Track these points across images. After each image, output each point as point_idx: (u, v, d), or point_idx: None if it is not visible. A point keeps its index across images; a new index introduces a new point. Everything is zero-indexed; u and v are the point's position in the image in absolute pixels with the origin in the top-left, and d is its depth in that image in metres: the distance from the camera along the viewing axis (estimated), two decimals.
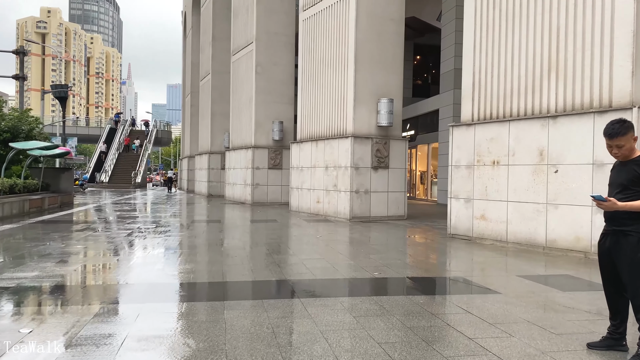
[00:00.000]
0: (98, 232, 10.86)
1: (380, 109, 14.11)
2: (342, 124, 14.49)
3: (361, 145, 14.01)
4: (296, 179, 16.89)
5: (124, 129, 48.41)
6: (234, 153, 22.92)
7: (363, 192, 14.04)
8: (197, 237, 10.33)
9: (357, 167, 13.95)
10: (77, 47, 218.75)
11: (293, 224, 13.39)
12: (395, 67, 14.66)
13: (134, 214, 15.77)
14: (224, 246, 8.83)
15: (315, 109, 15.94)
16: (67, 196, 19.53)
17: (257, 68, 20.62)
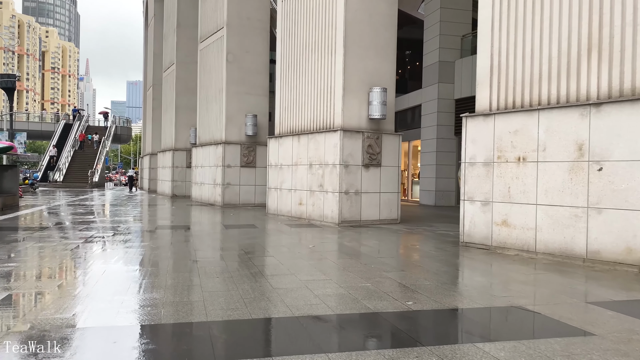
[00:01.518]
0: (41, 244, 8.88)
1: (372, 99, 12.55)
2: (329, 116, 12.86)
3: (351, 140, 12.41)
4: (275, 179, 15.16)
5: (80, 125, 45.35)
6: (202, 150, 20.96)
7: (353, 193, 12.45)
8: (164, 248, 8.50)
9: (346, 165, 12.34)
10: (31, 40, 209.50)
11: (275, 230, 11.68)
12: (387, 52, 13.13)
13: (88, 218, 13.71)
14: (197, 262, 7.07)
15: (296, 100, 14.25)
16: (11, 197, 17.20)
17: (228, 56, 18.75)
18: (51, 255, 7.60)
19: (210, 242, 9.47)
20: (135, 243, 8.99)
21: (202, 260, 7.24)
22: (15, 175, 17.94)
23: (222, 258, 7.55)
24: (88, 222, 12.75)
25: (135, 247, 8.42)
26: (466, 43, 21.47)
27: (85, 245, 8.62)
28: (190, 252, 7.94)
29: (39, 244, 8.81)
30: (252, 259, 7.39)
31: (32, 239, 9.42)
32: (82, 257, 7.50)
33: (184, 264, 6.94)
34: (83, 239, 9.43)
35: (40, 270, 6.41)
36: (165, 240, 9.57)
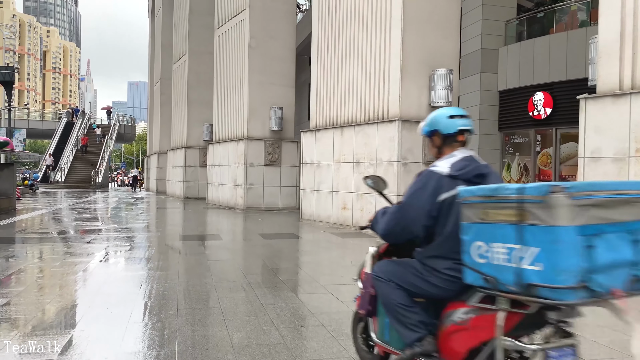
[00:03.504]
0: (40, 264, 6.85)
1: (435, 83, 10.50)
2: (382, 104, 10.81)
3: (410, 132, 10.36)
4: (310, 179, 13.11)
5: (82, 123, 43.31)
6: (220, 147, 18.92)
7: None
8: (199, 269, 6.45)
9: (405, 162, 10.30)
10: (32, 40, 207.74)
11: (325, 241, 9.63)
12: (450, 28, 11.10)
13: (95, 226, 11.68)
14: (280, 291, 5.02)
15: (338, 87, 12.20)
16: (7, 200, 15.17)
17: (251, 41, 16.71)
18: (53, 284, 5.57)
19: (259, 262, 7.41)
20: (162, 263, 6.95)
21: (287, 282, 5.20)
22: (12, 175, 15.92)
23: (298, 290, 5.51)
24: (96, 230, 10.72)
25: (163, 270, 6.38)
26: (511, 29, 19.42)
27: (97, 268, 6.58)
28: (239, 276, 5.90)
29: (37, 263, 6.79)
30: (338, 291, 5.35)
31: (29, 256, 7.40)
32: (95, 287, 5.46)
33: (255, 309, 4.90)
34: (92, 255, 7.39)
35: (38, 319, 4.36)
36: (201, 258, 7.52)
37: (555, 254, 1.87)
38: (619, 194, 2.04)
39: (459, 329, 2.33)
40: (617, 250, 1.96)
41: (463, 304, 2.30)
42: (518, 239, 1.98)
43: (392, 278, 2.59)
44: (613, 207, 1.99)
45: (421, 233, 2.50)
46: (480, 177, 2.47)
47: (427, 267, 2.46)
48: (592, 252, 1.88)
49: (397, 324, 2.54)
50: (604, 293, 1.90)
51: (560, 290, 1.85)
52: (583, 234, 1.87)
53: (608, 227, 1.95)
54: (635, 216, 2.02)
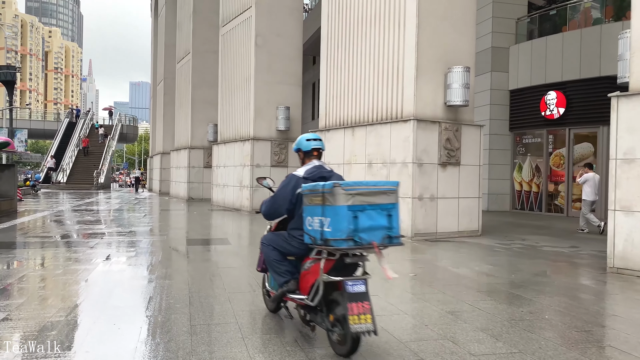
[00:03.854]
0: (41, 272, 6.48)
1: (452, 81, 10.11)
2: (395, 103, 10.42)
3: (426, 132, 9.98)
4: None
5: (85, 123, 42.95)
6: (225, 147, 18.54)
7: (428, 198, 10.02)
8: (210, 278, 6.07)
9: (420, 164, 9.91)
10: (34, 40, 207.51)
11: None
12: (466, 24, 10.72)
13: (99, 229, 11.32)
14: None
15: (349, 85, 11.82)
16: (8, 202, 14.81)
17: (257, 39, 16.33)
18: (55, 294, 5.20)
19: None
20: (170, 271, 6.57)
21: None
22: (13, 176, 15.57)
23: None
24: (99, 234, 10.35)
25: (174, 281, 6.00)
26: (522, 27, 19.04)
27: (102, 276, 6.21)
28: (259, 289, 5.51)
29: (38, 270, 6.42)
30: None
31: (30, 263, 7.03)
32: (100, 300, 5.09)
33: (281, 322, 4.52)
34: (96, 262, 7.01)
35: (39, 338, 3.98)
36: (211, 265, 7.14)
37: (336, 221, 3.14)
38: (376, 188, 3.30)
39: (307, 273, 3.68)
40: (375, 220, 3.23)
41: (309, 258, 3.64)
42: (322, 213, 3.27)
43: (271, 243, 3.92)
44: (373, 195, 3.24)
45: (285, 214, 3.88)
46: (322, 178, 3.69)
47: (290, 235, 3.84)
48: (357, 220, 3.14)
49: (273, 273, 3.89)
50: (365, 244, 3.17)
51: (339, 241, 3.12)
52: (351, 210, 3.15)
53: (369, 206, 3.21)
54: (387, 200, 3.30)
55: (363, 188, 3.27)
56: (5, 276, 5.95)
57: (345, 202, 3.16)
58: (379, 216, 3.27)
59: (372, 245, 3.20)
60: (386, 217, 3.29)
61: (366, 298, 3.30)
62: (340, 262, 3.38)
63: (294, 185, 3.72)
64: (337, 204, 3.16)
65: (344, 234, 3.13)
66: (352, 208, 3.17)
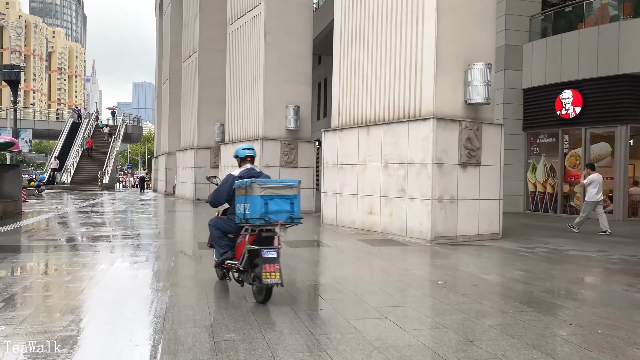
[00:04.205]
0: (47, 278, 6.14)
1: (472, 78, 9.73)
2: (413, 101, 10.05)
3: (445, 131, 9.61)
4: (332, 181, 12.36)
5: (89, 123, 42.67)
6: (233, 147, 18.17)
7: (448, 200, 9.64)
8: (228, 286, 5.71)
9: (440, 164, 9.53)
10: (37, 41, 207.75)
11: (354, 249, 8.87)
12: (487, 19, 10.35)
13: (106, 231, 10.98)
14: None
15: (364, 83, 11.45)
16: (12, 203, 14.49)
17: (267, 37, 15.97)
18: (63, 308, 4.85)
19: (294, 277, 6.64)
20: (186, 279, 6.22)
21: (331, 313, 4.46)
22: (18, 177, 15.24)
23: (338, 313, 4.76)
24: (106, 237, 10.01)
25: (191, 290, 5.64)
26: (535, 24, 18.63)
27: (112, 284, 5.86)
28: (281, 298, 5.15)
29: (44, 278, 6.06)
30: (385, 312, 4.60)
31: (35, 269, 6.68)
32: (112, 313, 4.74)
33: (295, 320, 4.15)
34: (105, 269, 6.67)
35: (52, 355, 3.63)
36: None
37: (253, 206, 4.46)
38: (282, 184, 4.64)
39: (239, 245, 4.95)
40: (281, 206, 4.54)
41: (241, 234, 4.95)
42: (244, 201, 4.60)
43: (215, 224, 5.28)
44: (279, 189, 4.56)
45: (224, 202, 5.18)
46: (252, 177, 4.86)
47: (228, 218, 5.15)
48: (267, 205, 4.45)
49: (217, 246, 5.27)
50: (273, 222, 4.51)
51: (255, 220, 4.45)
52: (263, 198, 4.46)
53: (276, 196, 4.52)
54: (290, 192, 4.62)
55: (272, 184, 4.71)
56: (10, 284, 5.60)
57: (259, 193, 4.57)
58: (284, 203, 4.68)
59: (277, 223, 4.64)
60: (289, 204, 4.72)
61: (276, 261, 4.58)
62: (259, 236, 4.79)
63: (231, 182, 5.09)
64: (254, 194, 4.59)
65: (257, 215, 4.55)
66: (264, 197, 4.57)
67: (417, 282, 6.08)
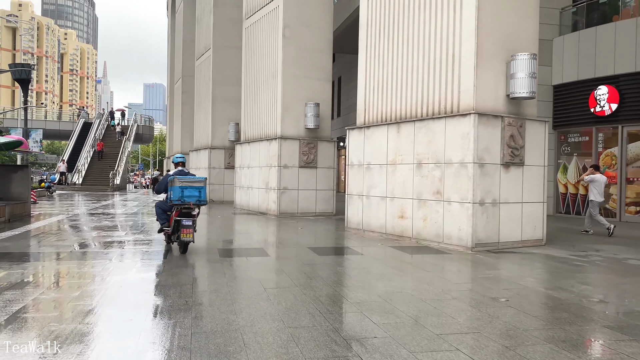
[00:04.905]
0: (54, 294, 5.42)
1: (516, 70, 8.90)
2: (450, 95, 9.24)
3: (487, 127, 8.79)
4: (358, 182, 11.58)
5: (100, 123, 42.24)
6: (249, 147, 17.47)
7: (490, 203, 8.82)
8: (259, 304, 4.95)
9: (481, 164, 8.71)
10: (49, 42, 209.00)
11: (391, 259, 8.08)
12: (530, 7, 9.51)
13: (118, 237, 10.27)
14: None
15: (393, 76, 10.66)
16: (21, 205, 13.87)
17: (285, 31, 15.23)
18: (71, 333, 4.10)
19: (332, 292, 5.87)
20: (210, 294, 5.47)
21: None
22: (27, 178, 14.62)
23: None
24: (120, 243, 9.30)
25: (219, 310, 4.90)
26: (566, 17, 17.72)
27: (128, 302, 5.13)
28: (325, 322, 4.38)
29: (51, 293, 5.34)
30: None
31: (41, 282, 5.96)
32: (130, 338, 3.99)
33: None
34: (119, 282, 5.94)
35: None
36: (255, 286, 6.02)
37: (174, 192, 7.59)
38: (193, 180, 7.79)
39: (172, 218, 7.90)
40: (192, 192, 7.62)
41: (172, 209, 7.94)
42: (171, 189, 7.66)
43: (159, 205, 8.38)
44: (191, 182, 7.70)
45: (163, 192, 8.14)
46: (181, 175, 8.02)
47: (167, 200, 7.97)
48: (183, 192, 7.57)
49: (159, 219, 8.36)
50: (187, 202, 7.59)
51: (175, 201, 7.59)
52: (180, 187, 7.58)
53: (189, 186, 7.63)
54: (199, 184, 7.73)
55: (187, 179, 7.69)
56: (11, 301, 4.88)
57: (178, 184, 7.50)
58: (194, 191, 7.55)
59: (190, 203, 7.55)
60: (198, 191, 7.57)
61: (191, 227, 7.43)
62: (181, 211, 7.58)
63: (166, 178, 8.05)
64: (175, 185, 7.50)
65: (176, 197, 7.49)
66: (181, 187, 7.50)
67: (476, 299, 5.28)
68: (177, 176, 7.77)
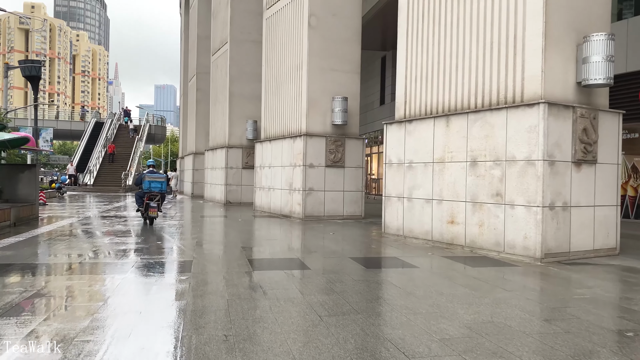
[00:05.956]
0: (52, 324, 4.35)
1: (590, 53, 7.72)
2: (512, 82, 8.07)
3: (558, 119, 7.61)
4: (397, 183, 10.43)
5: (112, 123, 41.43)
6: (271, 145, 16.38)
7: (560, 207, 7.64)
8: (319, 339, 3.83)
9: (552, 162, 7.53)
10: (62, 44, 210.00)
11: (453, 272, 6.92)
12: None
13: (132, 244, 9.21)
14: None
15: (440, 63, 9.50)
16: (28, 208, 12.89)
17: (311, 19, 14.12)
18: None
19: (403, 320, 4.74)
20: (248, 322, 4.37)
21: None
22: (34, 178, 13.65)
23: None
24: (135, 251, 8.24)
25: (270, 346, 3.79)
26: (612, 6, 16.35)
27: (149, 331, 4.04)
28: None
29: (52, 323, 4.26)
30: None
31: (45, 304, 4.89)
32: None
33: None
34: (138, 306, 4.86)
35: None
36: (307, 311, 4.92)
37: (145, 185, 12.14)
38: (157, 177, 12.39)
39: (144, 201, 12.14)
40: (156, 185, 12.14)
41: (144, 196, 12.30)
42: (143, 182, 12.28)
43: (137, 194, 12.63)
44: (156, 178, 12.22)
45: (138, 184, 12.44)
46: (150, 174, 12.35)
47: (140, 190, 12.43)
48: (150, 184, 12.19)
49: (137, 204, 12.72)
50: (153, 191, 12.10)
51: (146, 190, 12.27)
52: (148, 181, 12.15)
53: (154, 181, 12.17)
54: (161, 179, 12.32)
55: (153, 176, 12.24)
56: (4, 335, 3.80)
57: (147, 179, 12.18)
58: (158, 184, 12.16)
59: (154, 192, 12.11)
60: (160, 184, 12.18)
61: (155, 208, 11.93)
62: (150, 197, 12.07)
63: (141, 174, 12.53)
64: (145, 180, 12.18)
65: (146, 188, 12.09)
66: (149, 181, 12.13)
67: (593, 331, 4.11)
68: (147, 174, 12.37)
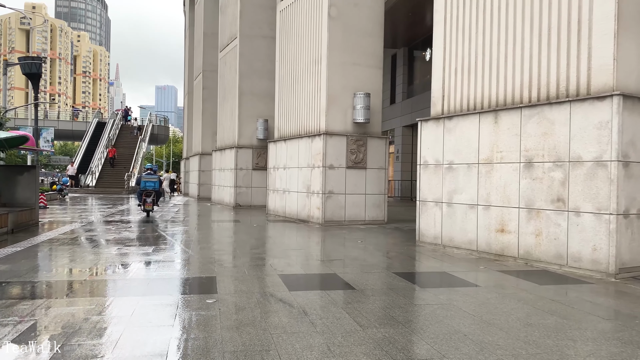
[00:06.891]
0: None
1: None
2: (575, 72, 7.09)
3: (632, 114, 6.64)
4: (435, 186, 9.45)
5: (114, 123, 40.47)
6: (286, 145, 15.40)
7: (635, 214, 6.65)
8: None
9: (626, 162, 6.55)
10: (63, 44, 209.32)
11: (520, 291, 5.93)
12: None
13: (141, 255, 8.24)
14: None
15: (485, 52, 8.52)
16: (27, 212, 11.93)
17: (331, 10, 13.15)
18: None
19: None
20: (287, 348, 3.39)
21: None
22: (34, 180, 12.69)
23: None
24: (145, 263, 7.27)
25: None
26: None
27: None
28: None
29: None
30: None
31: (33, 355, 3.92)
32: None
33: None
34: (155, 340, 3.88)
35: None
36: (371, 351, 3.94)
37: (142, 184, 15.24)
38: (152, 177, 15.42)
39: (142, 197, 15.08)
40: (150, 184, 15.09)
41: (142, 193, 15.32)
42: (140, 182, 15.60)
43: (138, 191, 15.42)
44: (151, 179, 15.35)
45: (139, 184, 15.91)
46: (147, 175, 15.53)
47: (139, 188, 15.51)
48: (146, 184, 15.26)
49: (137, 199, 15.41)
50: (148, 189, 15.11)
51: (142, 188, 15.21)
52: (144, 180, 15.28)
53: (149, 181, 15.23)
54: (154, 180, 15.32)
55: (148, 177, 15.35)
56: None
57: (144, 180, 15.27)
58: (152, 183, 15.17)
59: (149, 189, 15.16)
60: (153, 183, 15.17)
61: (150, 203, 14.90)
62: (146, 193, 15.00)
63: (140, 176, 18.32)
64: (142, 180, 15.28)
65: (143, 186, 15.14)
66: (145, 181, 15.24)
67: None
68: (145, 175, 15.30)
